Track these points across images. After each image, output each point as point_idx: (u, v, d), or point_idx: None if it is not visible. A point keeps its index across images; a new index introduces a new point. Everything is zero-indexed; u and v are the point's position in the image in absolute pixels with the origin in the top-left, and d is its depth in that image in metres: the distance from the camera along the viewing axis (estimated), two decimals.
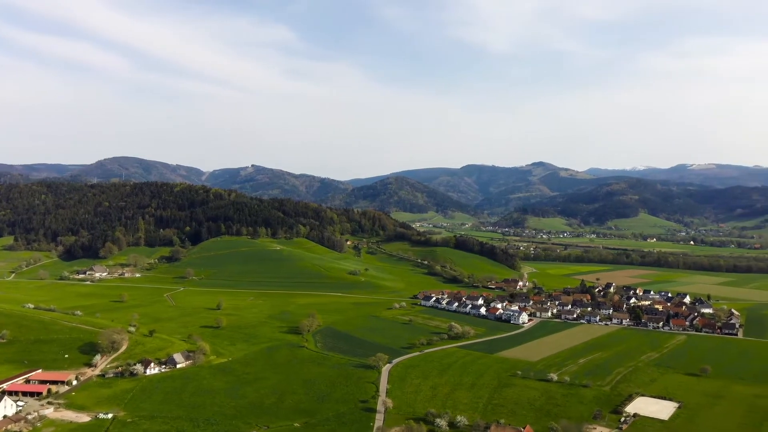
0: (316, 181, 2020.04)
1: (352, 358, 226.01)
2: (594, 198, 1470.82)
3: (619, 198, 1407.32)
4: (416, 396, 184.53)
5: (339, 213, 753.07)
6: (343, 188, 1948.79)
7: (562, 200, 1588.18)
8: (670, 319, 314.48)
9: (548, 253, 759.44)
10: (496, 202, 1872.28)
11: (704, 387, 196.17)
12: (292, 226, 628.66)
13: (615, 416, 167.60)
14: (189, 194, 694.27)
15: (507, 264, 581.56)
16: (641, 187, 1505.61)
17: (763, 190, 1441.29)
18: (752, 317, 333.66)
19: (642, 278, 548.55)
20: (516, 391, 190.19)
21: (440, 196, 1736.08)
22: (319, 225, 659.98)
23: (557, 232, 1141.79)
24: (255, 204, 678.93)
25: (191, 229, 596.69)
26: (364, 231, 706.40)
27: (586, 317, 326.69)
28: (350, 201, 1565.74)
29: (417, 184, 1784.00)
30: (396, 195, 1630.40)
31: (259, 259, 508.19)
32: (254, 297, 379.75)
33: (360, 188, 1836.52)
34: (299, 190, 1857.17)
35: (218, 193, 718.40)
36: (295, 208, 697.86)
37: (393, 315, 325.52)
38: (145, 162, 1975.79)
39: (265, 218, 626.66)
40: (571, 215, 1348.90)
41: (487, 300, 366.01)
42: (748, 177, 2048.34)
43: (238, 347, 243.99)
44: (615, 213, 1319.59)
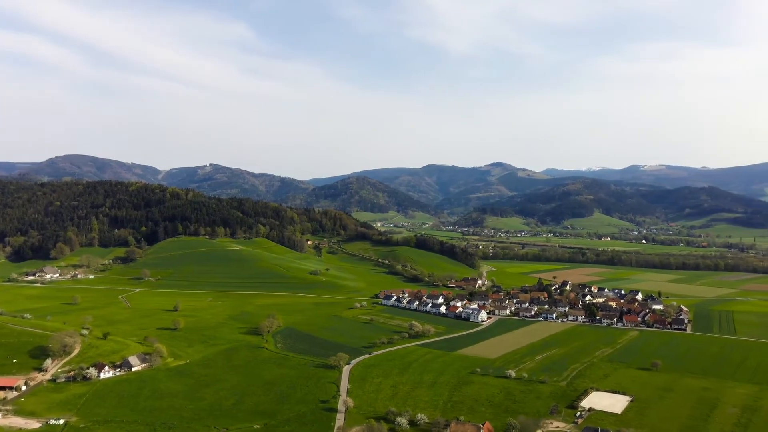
0: (276, 181, 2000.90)
1: (313, 359, 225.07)
2: (551, 198, 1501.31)
3: (575, 198, 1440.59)
4: (377, 395, 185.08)
5: (300, 213, 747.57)
6: (304, 188, 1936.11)
7: (520, 200, 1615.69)
8: (624, 315, 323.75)
9: (507, 252, 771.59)
10: (456, 201, 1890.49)
11: (655, 381, 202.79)
12: (251, 226, 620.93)
13: (571, 411, 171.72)
14: (145, 193, 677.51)
15: (467, 263, 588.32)
16: (596, 188, 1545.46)
17: (709, 191, 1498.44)
18: (700, 313, 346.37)
19: (597, 276, 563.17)
20: (475, 388, 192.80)
21: (401, 196, 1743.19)
22: (280, 225, 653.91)
23: (515, 231, 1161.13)
24: (213, 203, 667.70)
25: (147, 229, 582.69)
26: (325, 231, 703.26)
27: (543, 315, 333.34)
28: (311, 201, 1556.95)
29: (378, 184, 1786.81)
30: (357, 195, 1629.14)
31: (218, 260, 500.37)
32: (213, 298, 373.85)
33: (321, 188, 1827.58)
34: (259, 189, 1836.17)
35: (175, 192, 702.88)
36: (255, 208, 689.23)
37: (354, 315, 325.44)
38: (99, 160, 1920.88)
39: (223, 218, 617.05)
40: (529, 215, 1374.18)
41: (447, 299, 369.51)
42: (696, 178, 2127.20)
43: (197, 349, 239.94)
44: (571, 213, 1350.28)
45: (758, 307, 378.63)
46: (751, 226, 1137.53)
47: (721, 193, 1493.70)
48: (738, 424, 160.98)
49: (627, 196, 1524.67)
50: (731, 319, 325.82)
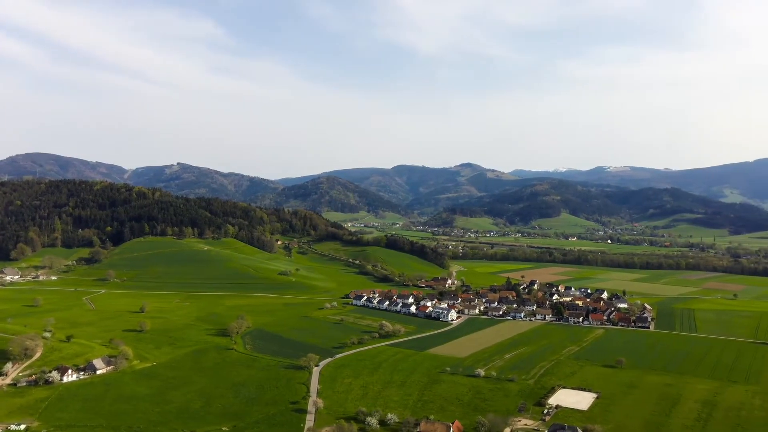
0: (245, 180, 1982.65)
1: (283, 360, 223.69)
2: (519, 198, 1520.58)
3: (542, 198, 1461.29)
4: (347, 395, 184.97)
5: (269, 213, 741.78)
6: (274, 187, 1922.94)
7: (489, 200, 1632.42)
8: (590, 314, 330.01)
9: (476, 252, 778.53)
10: (426, 202, 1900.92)
11: (620, 378, 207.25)
12: (220, 226, 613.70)
13: (538, 408, 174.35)
14: (110, 193, 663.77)
15: (436, 263, 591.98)
16: (563, 188, 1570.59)
17: (672, 192, 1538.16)
18: (663, 311, 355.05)
19: (564, 275, 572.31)
20: (445, 387, 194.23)
21: (372, 196, 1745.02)
22: (249, 225, 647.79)
23: (484, 231, 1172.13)
24: (181, 203, 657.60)
25: (113, 229, 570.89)
26: (295, 231, 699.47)
27: (511, 314, 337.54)
28: (281, 200, 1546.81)
29: (348, 184, 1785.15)
30: (327, 195, 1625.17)
31: (186, 260, 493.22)
32: (180, 299, 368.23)
33: (291, 188, 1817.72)
34: (227, 189, 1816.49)
35: (142, 191, 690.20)
36: (224, 208, 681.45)
37: (324, 315, 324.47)
38: (62, 159, 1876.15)
39: (191, 218, 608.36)
40: (498, 215, 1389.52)
41: (418, 298, 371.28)
42: (659, 179, 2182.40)
43: (164, 351, 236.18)
44: (539, 213, 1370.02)
45: (717, 305, 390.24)
46: (711, 226, 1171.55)
47: (683, 194, 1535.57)
48: (698, 419, 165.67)
49: (593, 196, 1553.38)
50: (692, 316, 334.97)
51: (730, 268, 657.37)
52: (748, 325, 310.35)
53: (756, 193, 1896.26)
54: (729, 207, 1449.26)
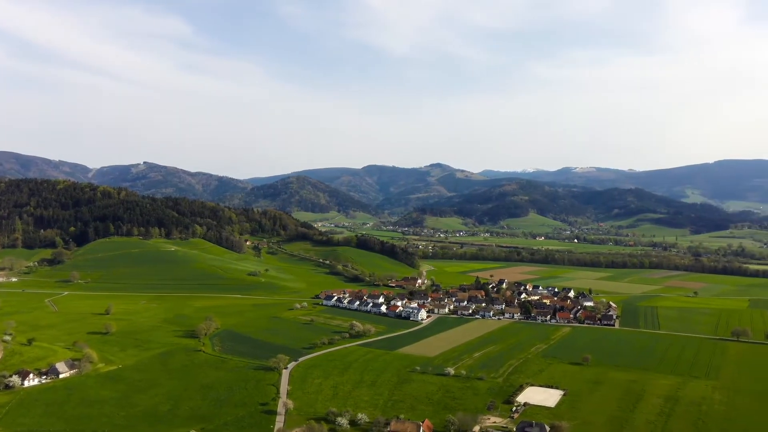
0: (213, 180, 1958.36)
1: (252, 361, 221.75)
2: (488, 198, 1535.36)
3: (511, 199, 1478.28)
4: (317, 396, 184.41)
5: (238, 212, 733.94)
6: (243, 187, 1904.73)
7: (458, 200, 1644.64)
8: (557, 312, 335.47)
9: (446, 252, 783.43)
10: (397, 202, 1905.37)
11: (586, 374, 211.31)
12: (187, 226, 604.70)
13: (507, 406, 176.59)
14: (74, 192, 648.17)
15: (407, 262, 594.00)
16: (531, 189, 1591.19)
17: (636, 192, 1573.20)
18: (627, 309, 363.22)
19: (532, 274, 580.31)
20: (415, 386, 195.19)
21: (342, 196, 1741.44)
22: (217, 225, 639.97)
23: (454, 231, 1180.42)
24: (147, 203, 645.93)
25: (76, 229, 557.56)
26: (265, 231, 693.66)
27: (480, 312, 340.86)
28: (250, 200, 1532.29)
29: (319, 184, 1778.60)
30: (297, 194, 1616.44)
31: (152, 261, 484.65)
32: (147, 300, 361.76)
33: (260, 187, 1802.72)
34: (195, 188, 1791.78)
35: (106, 191, 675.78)
36: (191, 208, 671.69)
37: (294, 315, 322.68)
38: (23, 157, 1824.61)
39: (158, 218, 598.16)
40: (467, 215, 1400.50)
41: (388, 298, 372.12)
42: (624, 179, 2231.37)
43: (130, 353, 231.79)
44: (507, 213, 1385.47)
45: (679, 302, 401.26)
46: (673, 225, 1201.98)
47: (647, 194, 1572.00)
48: (661, 414, 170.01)
49: (560, 197, 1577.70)
50: (655, 314, 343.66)
51: (691, 266, 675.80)
52: (709, 322, 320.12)
53: (716, 194, 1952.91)
54: (690, 207, 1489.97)
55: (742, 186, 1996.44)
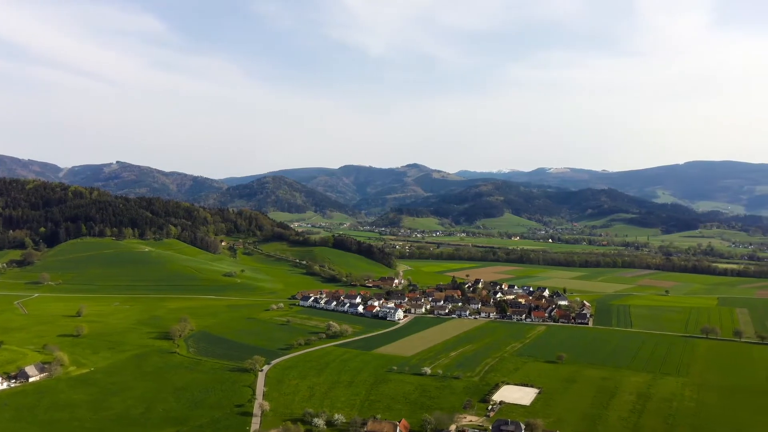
0: (188, 180, 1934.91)
1: (228, 362, 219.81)
2: (464, 199, 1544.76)
3: (486, 199, 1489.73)
4: (294, 397, 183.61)
5: (213, 213, 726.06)
6: (218, 187, 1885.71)
7: (435, 201, 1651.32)
8: (532, 311, 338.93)
9: (422, 252, 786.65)
10: (374, 202, 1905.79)
11: (560, 373, 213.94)
12: (162, 226, 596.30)
13: (483, 405, 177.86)
14: (44, 192, 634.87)
15: (384, 262, 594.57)
16: (506, 189, 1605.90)
17: (609, 193, 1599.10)
18: (601, 307, 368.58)
19: (507, 274, 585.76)
20: (392, 386, 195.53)
21: (319, 196, 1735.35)
22: (192, 225, 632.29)
23: (431, 231, 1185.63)
24: (120, 203, 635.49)
25: (47, 230, 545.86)
26: (240, 231, 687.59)
27: (457, 312, 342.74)
28: (225, 200, 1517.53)
29: (295, 184, 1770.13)
30: (274, 195, 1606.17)
31: (126, 262, 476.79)
32: (120, 302, 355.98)
33: (236, 187, 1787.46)
34: (170, 188, 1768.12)
35: (78, 191, 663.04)
36: (166, 208, 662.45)
37: (270, 316, 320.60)
38: None
39: (131, 218, 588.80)
40: (444, 215, 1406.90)
41: (365, 298, 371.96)
42: (597, 180, 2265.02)
43: (102, 356, 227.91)
44: (483, 213, 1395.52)
45: (651, 301, 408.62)
46: (645, 225, 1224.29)
47: (619, 194, 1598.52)
48: (633, 411, 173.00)
49: (535, 197, 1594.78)
50: (628, 312, 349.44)
51: (662, 265, 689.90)
52: (679, 320, 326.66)
53: (686, 194, 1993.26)
54: (661, 207, 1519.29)
55: (711, 186, 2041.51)
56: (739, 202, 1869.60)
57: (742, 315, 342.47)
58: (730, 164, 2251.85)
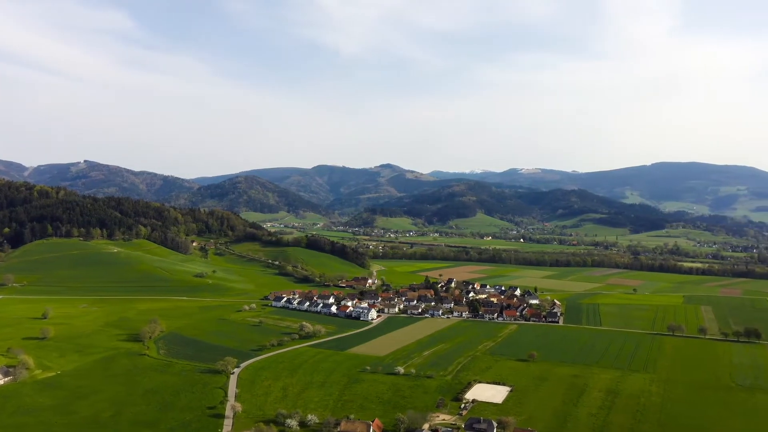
0: (158, 179, 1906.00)
1: (199, 364, 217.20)
2: (437, 199, 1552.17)
3: (459, 199, 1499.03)
4: (266, 398, 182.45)
5: (184, 213, 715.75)
6: (189, 187, 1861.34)
7: (408, 201, 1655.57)
8: (504, 310, 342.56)
9: (396, 252, 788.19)
10: (347, 202, 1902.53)
11: (532, 371, 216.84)
12: (131, 226, 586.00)
13: (456, 403, 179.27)
14: (8, 191, 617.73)
15: (357, 263, 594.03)
16: (479, 189, 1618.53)
17: (579, 193, 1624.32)
18: (571, 306, 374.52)
19: (479, 273, 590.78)
20: (365, 386, 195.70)
21: (292, 196, 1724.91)
22: (162, 225, 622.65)
23: (404, 231, 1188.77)
24: (88, 203, 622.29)
25: (11, 230, 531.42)
26: (212, 231, 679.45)
27: (430, 311, 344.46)
28: (197, 200, 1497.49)
29: (268, 184, 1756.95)
30: (246, 194, 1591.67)
31: (94, 263, 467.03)
32: (88, 304, 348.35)
33: (207, 187, 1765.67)
34: (139, 188, 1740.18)
35: (44, 190, 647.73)
36: (135, 208, 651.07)
37: (242, 317, 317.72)
38: None
39: (100, 218, 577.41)
40: (417, 215, 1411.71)
41: (338, 298, 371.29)
42: (568, 181, 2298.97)
43: (69, 359, 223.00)
44: (456, 213, 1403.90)
45: (619, 299, 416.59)
46: (614, 225, 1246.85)
47: (589, 195, 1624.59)
48: (602, 407, 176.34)
49: (507, 197, 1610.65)
50: (597, 311, 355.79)
51: (630, 264, 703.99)
52: (646, 318, 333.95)
53: (653, 195, 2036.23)
54: (629, 207, 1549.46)
55: (677, 187, 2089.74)
56: (704, 202, 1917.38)
57: (707, 312, 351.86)
58: (696, 166, 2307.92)
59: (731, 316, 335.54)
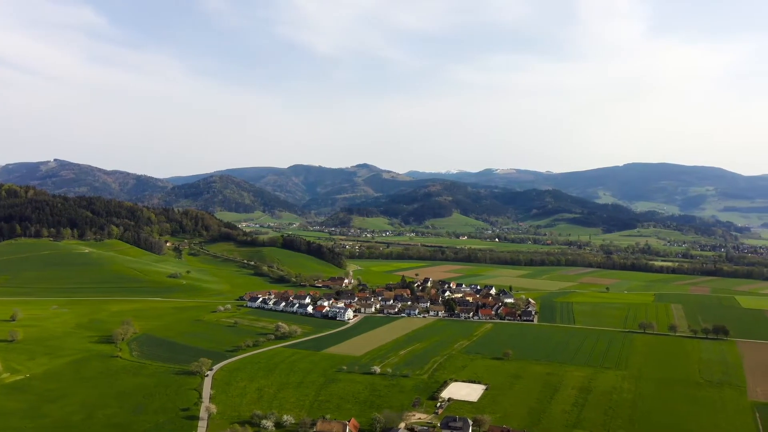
0: (131, 179, 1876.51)
1: (173, 366, 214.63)
2: (413, 199, 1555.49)
3: (435, 199, 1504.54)
4: (242, 399, 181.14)
5: (157, 212, 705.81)
6: (162, 186, 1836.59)
7: (384, 201, 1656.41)
8: (479, 309, 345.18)
9: (372, 251, 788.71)
10: (323, 202, 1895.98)
11: (507, 369, 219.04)
12: (103, 226, 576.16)
13: (432, 402, 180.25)
14: None
15: (334, 262, 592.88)
16: (455, 189, 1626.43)
17: (553, 193, 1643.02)
18: (545, 305, 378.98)
19: (455, 273, 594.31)
20: (342, 386, 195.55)
21: (267, 196, 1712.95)
22: (135, 225, 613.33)
23: (380, 231, 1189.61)
24: (59, 202, 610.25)
25: None
26: (186, 231, 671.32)
27: (406, 311, 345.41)
28: (170, 200, 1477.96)
29: (243, 183, 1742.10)
30: (221, 194, 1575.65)
31: (64, 264, 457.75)
32: (58, 305, 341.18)
33: (181, 186, 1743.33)
34: (112, 187, 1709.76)
35: (12, 189, 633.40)
36: (107, 207, 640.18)
37: (217, 318, 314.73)
38: None
39: (70, 218, 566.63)
40: (393, 215, 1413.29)
41: (314, 298, 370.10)
42: (542, 181, 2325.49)
43: (39, 362, 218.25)
44: (432, 213, 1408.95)
45: (592, 298, 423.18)
46: (587, 225, 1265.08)
47: (563, 195, 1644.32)
48: (576, 404, 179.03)
49: (482, 197, 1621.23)
50: (571, 309, 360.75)
51: (603, 263, 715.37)
52: (619, 316, 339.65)
53: (625, 195, 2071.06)
54: (602, 207, 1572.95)
55: (648, 187, 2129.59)
56: (674, 202, 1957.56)
57: (677, 310, 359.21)
58: (666, 166, 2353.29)
59: (700, 314, 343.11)
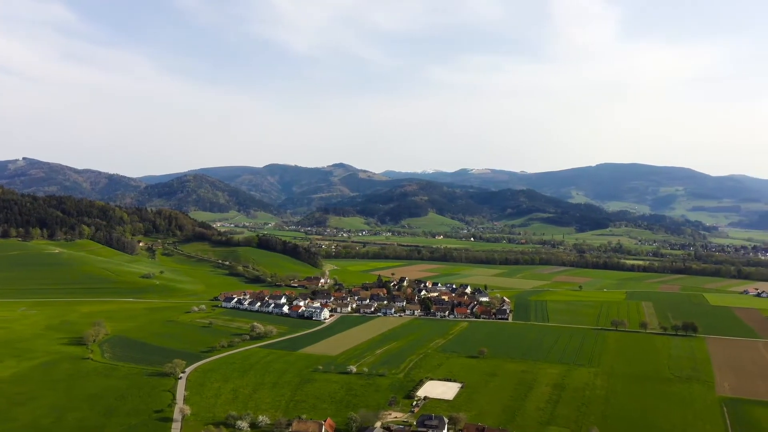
0: (103, 178, 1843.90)
1: (146, 367, 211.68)
2: (390, 198, 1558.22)
3: (411, 199, 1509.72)
4: (216, 400, 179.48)
5: (130, 212, 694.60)
6: (135, 186, 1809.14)
7: (361, 200, 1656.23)
8: (455, 308, 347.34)
9: (348, 251, 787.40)
10: (299, 201, 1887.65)
11: (482, 367, 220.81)
12: (74, 226, 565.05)
13: (408, 401, 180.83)
14: None
15: (310, 262, 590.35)
16: (430, 189, 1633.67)
17: (528, 193, 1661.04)
18: (520, 303, 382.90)
19: (431, 272, 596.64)
20: (317, 386, 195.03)
21: (243, 196, 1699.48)
22: (107, 225, 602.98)
23: (357, 230, 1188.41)
24: (27, 201, 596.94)
25: None
26: (159, 231, 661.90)
27: (382, 310, 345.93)
28: (143, 199, 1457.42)
29: (218, 183, 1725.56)
30: (195, 194, 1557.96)
31: (33, 264, 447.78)
32: (27, 307, 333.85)
33: (154, 186, 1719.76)
34: (83, 187, 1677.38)
35: None
36: (78, 207, 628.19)
37: (192, 319, 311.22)
38: None
39: (40, 218, 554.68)
40: (370, 215, 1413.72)
41: (290, 298, 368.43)
42: (516, 181, 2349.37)
43: (6, 365, 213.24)
44: (408, 213, 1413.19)
45: (566, 296, 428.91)
46: (561, 224, 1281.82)
47: (537, 195, 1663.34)
48: (550, 401, 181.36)
49: (457, 197, 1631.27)
50: (545, 307, 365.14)
51: (576, 262, 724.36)
52: (591, 314, 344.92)
53: (597, 195, 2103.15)
54: (575, 207, 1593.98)
55: (620, 187, 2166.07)
56: (645, 202, 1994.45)
57: (648, 308, 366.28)
58: (637, 167, 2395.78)
59: (670, 311, 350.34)
